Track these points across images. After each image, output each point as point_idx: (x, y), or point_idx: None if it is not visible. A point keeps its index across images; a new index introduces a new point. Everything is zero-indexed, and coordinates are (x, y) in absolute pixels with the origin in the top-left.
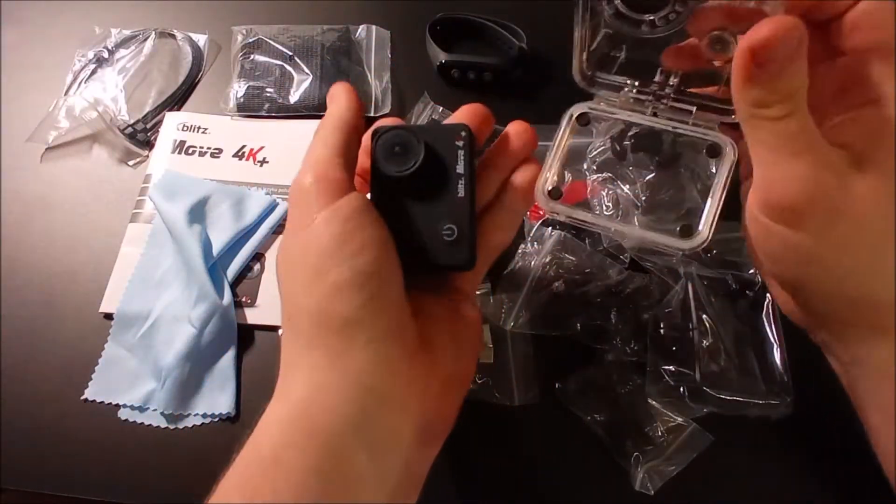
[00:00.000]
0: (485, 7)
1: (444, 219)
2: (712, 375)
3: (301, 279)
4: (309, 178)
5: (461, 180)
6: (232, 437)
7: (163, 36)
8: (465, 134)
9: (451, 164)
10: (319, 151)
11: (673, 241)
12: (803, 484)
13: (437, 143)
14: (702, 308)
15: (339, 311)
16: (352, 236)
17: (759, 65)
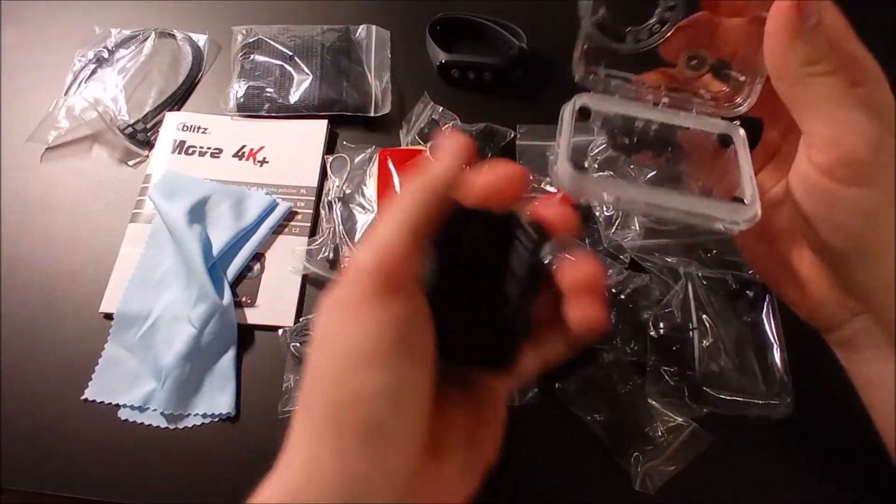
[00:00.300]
0: (485, 7)
1: (490, 319)
2: (712, 375)
3: (330, 368)
4: (371, 261)
5: (516, 282)
6: (232, 437)
7: (163, 36)
8: (538, 238)
9: (511, 262)
10: (392, 230)
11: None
12: (803, 484)
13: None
14: (702, 308)
15: (358, 417)
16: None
17: (805, 17)
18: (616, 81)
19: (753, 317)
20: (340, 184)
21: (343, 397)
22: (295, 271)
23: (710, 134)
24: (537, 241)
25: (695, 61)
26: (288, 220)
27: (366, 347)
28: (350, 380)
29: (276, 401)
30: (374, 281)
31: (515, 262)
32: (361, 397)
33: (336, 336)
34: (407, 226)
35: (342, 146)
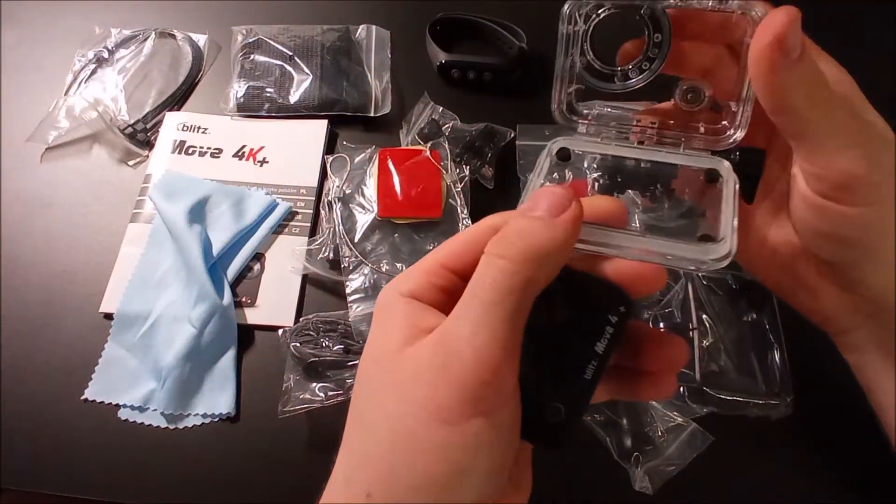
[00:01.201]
0: (485, 7)
1: (557, 394)
2: (712, 375)
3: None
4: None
5: (595, 361)
6: (232, 437)
7: (163, 36)
8: (623, 311)
9: (592, 337)
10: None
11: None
12: (803, 484)
13: (588, 306)
14: (702, 308)
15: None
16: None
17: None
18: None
19: (753, 317)
20: (340, 184)
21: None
22: (295, 271)
23: (698, 170)
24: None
25: (691, 94)
26: (288, 220)
27: (461, 466)
28: (437, 496)
29: (276, 401)
30: (478, 388)
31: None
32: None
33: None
34: (513, 313)
35: (342, 146)
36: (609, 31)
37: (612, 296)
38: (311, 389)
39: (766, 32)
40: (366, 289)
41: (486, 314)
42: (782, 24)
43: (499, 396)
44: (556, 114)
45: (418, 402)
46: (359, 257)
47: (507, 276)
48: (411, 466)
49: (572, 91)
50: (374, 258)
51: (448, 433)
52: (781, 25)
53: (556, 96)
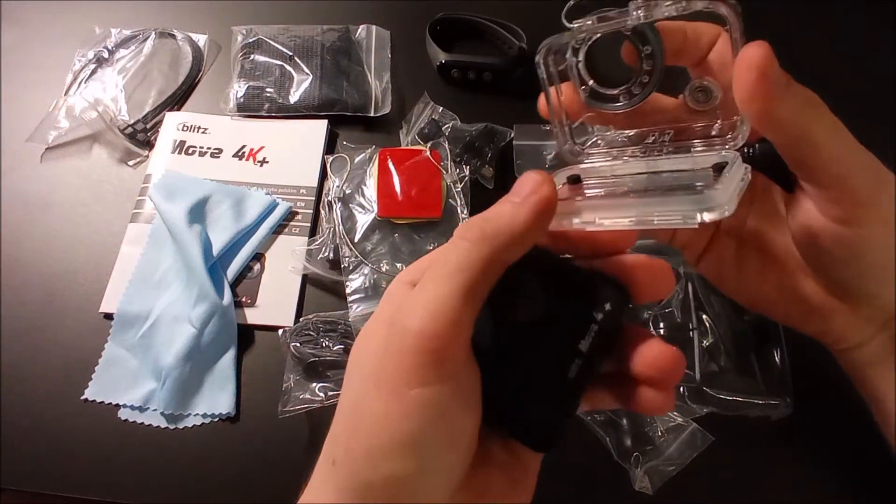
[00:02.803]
0: (485, 7)
1: (539, 392)
2: (712, 375)
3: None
4: (419, 333)
5: (579, 360)
6: (232, 437)
7: (163, 36)
8: (609, 309)
9: (576, 334)
10: (446, 294)
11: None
12: (803, 483)
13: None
14: (702, 308)
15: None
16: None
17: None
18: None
19: (753, 317)
20: (340, 184)
21: (373, 479)
22: (295, 271)
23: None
24: (615, 314)
25: (701, 94)
26: (288, 220)
27: (403, 439)
28: (383, 465)
29: (276, 401)
30: (420, 357)
31: (579, 338)
32: (392, 482)
33: (373, 415)
34: (464, 289)
35: (342, 146)
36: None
37: (600, 291)
38: (311, 389)
39: (750, 70)
40: (366, 289)
41: (436, 289)
42: (761, 57)
43: (442, 368)
44: (567, 154)
45: (368, 375)
46: (359, 257)
47: (463, 254)
48: (361, 435)
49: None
50: (374, 258)
51: (389, 403)
52: (761, 58)
53: (562, 136)
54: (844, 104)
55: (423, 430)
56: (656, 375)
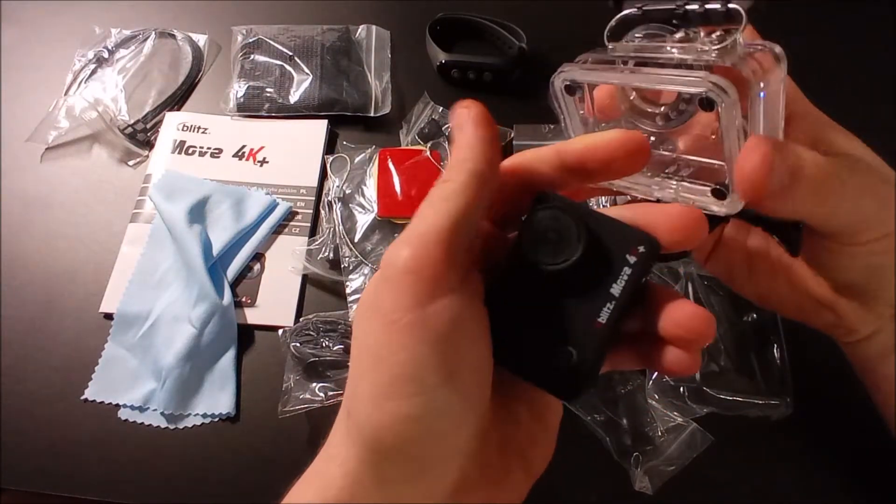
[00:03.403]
0: (485, 7)
1: (568, 337)
2: (712, 375)
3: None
4: (405, 254)
5: (610, 304)
6: (232, 437)
7: (163, 36)
8: (643, 251)
9: (608, 278)
10: (430, 222)
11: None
12: (803, 484)
13: (604, 245)
14: None
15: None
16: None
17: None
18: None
19: (753, 317)
20: (340, 184)
21: (380, 421)
22: (295, 271)
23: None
24: (644, 259)
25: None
26: (288, 220)
27: (402, 371)
28: (386, 404)
29: (276, 401)
30: (412, 287)
31: (612, 281)
32: (400, 422)
33: (372, 351)
34: (449, 213)
35: (342, 146)
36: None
37: (631, 236)
38: (311, 389)
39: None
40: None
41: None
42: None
43: (435, 289)
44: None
45: (367, 312)
46: (359, 257)
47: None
48: (363, 374)
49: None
50: (374, 258)
51: (385, 333)
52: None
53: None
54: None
55: (421, 359)
56: (686, 336)
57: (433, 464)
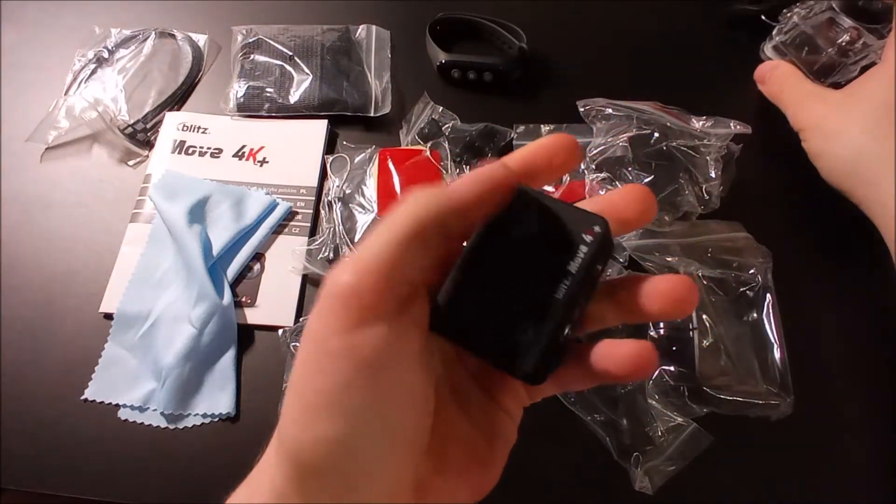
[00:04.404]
0: (485, 7)
1: (527, 313)
2: (712, 375)
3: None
4: (340, 280)
5: (567, 280)
6: (232, 437)
7: (163, 36)
8: (598, 231)
9: (566, 257)
10: (371, 250)
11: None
12: (803, 483)
13: (563, 227)
14: (702, 308)
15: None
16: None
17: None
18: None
19: (753, 317)
20: (340, 184)
21: (303, 442)
22: (295, 271)
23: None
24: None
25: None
26: (288, 220)
27: (329, 394)
28: (311, 425)
29: (276, 401)
30: (344, 311)
31: (568, 259)
32: (325, 444)
33: (299, 372)
34: (392, 241)
35: (342, 146)
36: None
37: (587, 219)
38: None
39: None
40: None
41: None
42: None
43: (365, 316)
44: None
45: (303, 335)
46: None
47: (395, 214)
48: (291, 394)
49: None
50: None
51: (314, 356)
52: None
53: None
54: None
55: (346, 383)
56: (671, 307)
57: (359, 484)
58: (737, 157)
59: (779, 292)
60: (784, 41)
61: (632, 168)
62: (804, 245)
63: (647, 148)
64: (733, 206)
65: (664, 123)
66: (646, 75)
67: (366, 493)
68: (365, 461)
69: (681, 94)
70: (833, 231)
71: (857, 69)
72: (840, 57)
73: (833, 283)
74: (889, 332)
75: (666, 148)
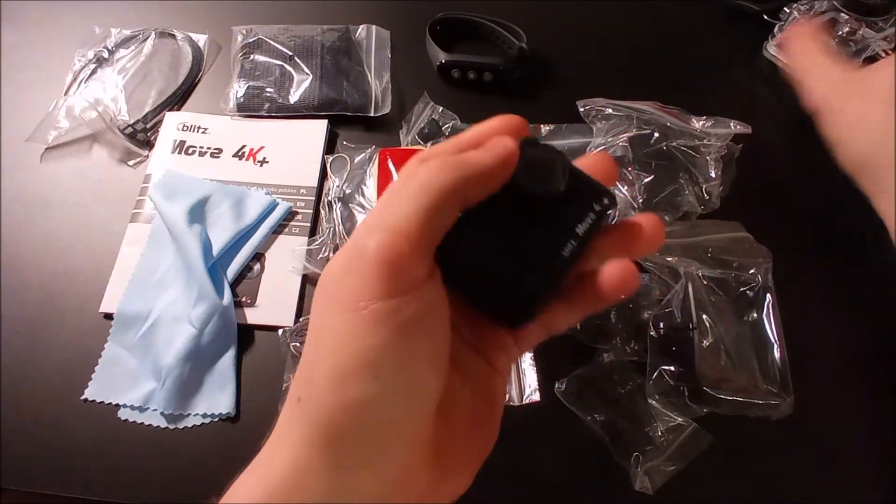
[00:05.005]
0: (485, 7)
1: (531, 265)
2: (712, 375)
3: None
4: (375, 243)
5: (574, 241)
6: (232, 437)
7: (163, 36)
8: (607, 202)
9: (575, 219)
10: (404, 213)
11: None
12: (803, 484)
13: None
14: (702, 308)
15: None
16: (399, 360)
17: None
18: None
19: (753, 317)
20: (340, 184)
21: (336, 404)
22: (295, 271)
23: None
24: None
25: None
26: (288, 220)
27: (364, 356)
28: (344, 388)
29: (276, 401)
30: (378, 271)
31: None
32: (355, 407)
33: (332, 336)
34: (424, 209)
35: (342, 146)
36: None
37: (599, 189)
38: None
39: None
40: None
41: (397, 207)
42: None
43: (401, 282)
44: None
45: (331, 297)
46: None
47: (425, 176)
48: (323, 359)
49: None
50: None
51: (349, 319)
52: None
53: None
54: None
55: (383, 346)
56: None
57: (383, 448)
58: (737, 157)
59: (779, 292)
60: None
61: (632, 168)
62: (804, 245)
63: (647, 148)
64: (733, 206)
65: (664, 123)
66: (646, 75)
67: (392, 454)
68: (393, 423)
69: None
70: (833, 231)
71: (860, 61)
72: (841, 48)
73: (833, 282)
74: (889, 332)
75: (666, 148)
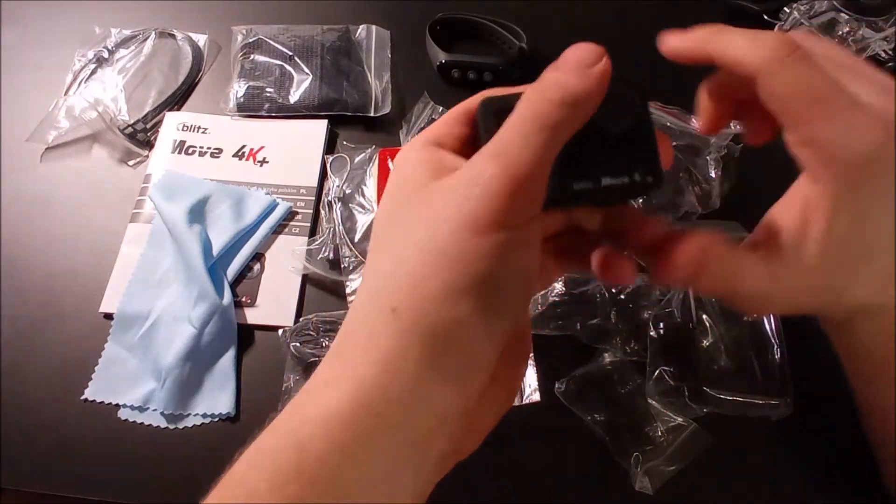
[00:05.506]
0: (485, 7)
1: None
2: (712, 375)
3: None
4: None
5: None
6: (232, 437)
7: (163, 36)
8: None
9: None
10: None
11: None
12: (803, 484)
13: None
14: (702, 308)
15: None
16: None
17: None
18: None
19: (754, 316)
20: (340, 184)
21: (447, 317)
22: (295, 271)
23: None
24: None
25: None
26: (288, 220)
27: (481, 274)
28: (457, 304)
29: (276, 401)
30: (507, 201)
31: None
32: (464, 323)
33: (447, 253)
34: (545, 146)
35: (342, 146)
36: None
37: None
38: None
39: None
40: None
41: (522, 138)
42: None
43: (524, 214)
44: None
45: (448, 218)
46: (359, 257)
47: (545, 114)
48: (436, 276)
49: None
50: None
51: (476, 242)
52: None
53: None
54: None
55: (497, 270)
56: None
57: (476, 366)
58: (737, 157)
59: None
60: None
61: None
62: None
63: None
64: (733, 206)
65: (664, 123)
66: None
67: (478, 376)
68: (488, 342)
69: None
70: None
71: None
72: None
73: None
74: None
75: None
